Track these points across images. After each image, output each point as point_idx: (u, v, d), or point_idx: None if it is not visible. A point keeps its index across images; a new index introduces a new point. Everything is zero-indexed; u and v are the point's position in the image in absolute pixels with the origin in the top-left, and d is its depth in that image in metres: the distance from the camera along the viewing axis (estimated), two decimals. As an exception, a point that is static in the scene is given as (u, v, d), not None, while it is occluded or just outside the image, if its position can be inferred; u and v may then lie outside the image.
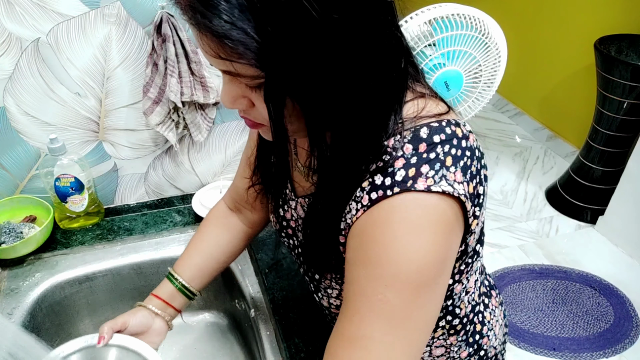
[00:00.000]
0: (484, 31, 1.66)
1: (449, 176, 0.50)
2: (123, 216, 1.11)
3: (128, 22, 0.94)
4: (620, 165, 2.11)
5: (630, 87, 1.93)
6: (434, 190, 0.49)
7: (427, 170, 0.50)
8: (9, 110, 0.96)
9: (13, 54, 0.91)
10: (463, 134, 0.53)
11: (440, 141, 0.51)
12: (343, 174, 0.54)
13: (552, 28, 2.57)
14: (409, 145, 0.51)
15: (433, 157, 0.50)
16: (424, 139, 0.51)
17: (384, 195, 0.50)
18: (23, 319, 0.88)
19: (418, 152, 0.51)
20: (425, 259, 0.49)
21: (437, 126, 0.52)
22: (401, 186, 0.49)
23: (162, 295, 0.79)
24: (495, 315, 0.76)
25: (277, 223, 0.75)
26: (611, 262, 2.04)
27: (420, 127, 0.52)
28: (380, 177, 0.51)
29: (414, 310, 0.50)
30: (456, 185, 0.50)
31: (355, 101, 0.49)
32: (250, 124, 0.56)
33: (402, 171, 0.50)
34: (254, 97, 0.51)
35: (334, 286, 0.64)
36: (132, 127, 1.06)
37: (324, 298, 0.67)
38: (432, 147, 0.51)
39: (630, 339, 1.75)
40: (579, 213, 2.26)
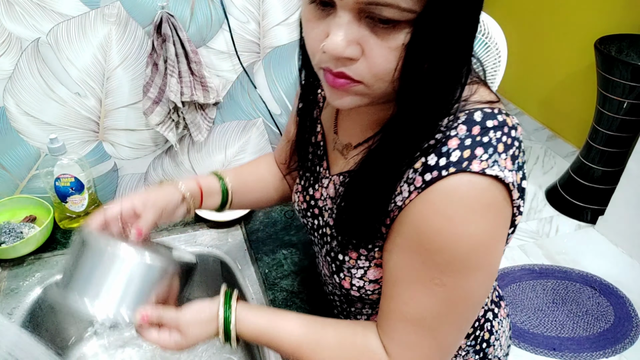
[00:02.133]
0: (484, 31, 1.66)
1: (500, 162, 0.50)
2: (123, 216, 1.11)
3: (128, 22, 0.94)
4: (620, 165, 2.11)
5: (630, 87, 1.93)
6: (487, 174, 0.49)
7: (482, 153, 0.50)
8: (9, 110, 0.96)
9: (13, 54, 0.91)
10: (513, 124, 0.54)
11: (492, 127, 0.52)
12: (398, 148, 0.54)
13: (552, 28, 2.57)
14: (463, 126, 0.52)
15: (486, 141, 0.51)
16: (477, 122, 0.52)
17: (439, 176, 0.50)
18: (23, 319, 0.88)
19: (472, 135, 0.51)
20: (480, 241, 0.50)
21: (490, 112, 0.53)
22: (457, 167, 0.49)
23: (203, 185, 0.75)
24: (502, 325, 0.76)
25: (303, 202, 0.74)
26: (611, 262, 2.04)
27: (474, 110, 0.53)
28: (434, 157, 0.51)
29: (468, 291, 0.53)
30: (506, 172, 0.50)
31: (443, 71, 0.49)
32: (341, 84, 0.51)
33: (457, 152, 0.50)
34: (372, 43, 0.47)
35: (359, 265, 0.63)
36: (132, 127, 1.06)
37: (345, 279, 0.66)
38: (485, 132, 0.51)
39: (630, 339, 1.75)
40: (579, 213, 2.26)
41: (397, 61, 0.48)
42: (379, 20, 0.46)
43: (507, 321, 0.78)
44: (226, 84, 1.08)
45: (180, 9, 0.96)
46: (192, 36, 0.99)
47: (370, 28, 0.47)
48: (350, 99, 0.53)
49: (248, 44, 1.05)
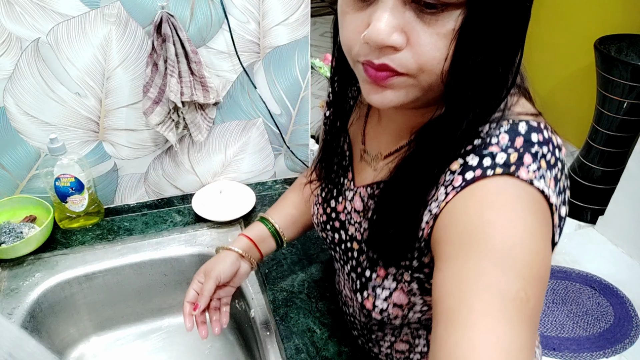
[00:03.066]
0: (484, 31, 1.66)
1: (546, 179, 0.45)
2: (123, 216, 1.11)
3: (128, 22, 0.94)
4: (620, 165, 2.11)
5: (630, 87, 1.93)
6: (535, 185, 0.44)
7: (530, 163, 0.45)
8: (9, 110, 0.96)
9: (13, 54, 0.91)
10: (558, 143, 0.49)
11: (537, 141, 0.47)
12: (437, 153, 0.49)
13: (552, 28, 2.57)
14: (506, 135, 0.47)
15: (534, 152, 0.46)
16: (521, 133, 0.47)
17: (483, 174, 0.45)
18: (23, 319, 0.88)
19: (514, 146, 0.46)
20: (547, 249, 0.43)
21: (536, 126, 0.48)
22: (504, 169, 0.44)
23: (252, 236, 0.79)
24: (536, 356, 0.69)
25: (323, 214, 0.72)
26: (611, 262, 2.04)
27: (520, 121, 0.48)
28: (476, 157, 0.46)
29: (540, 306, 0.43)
30: (549, 191, 0.45)
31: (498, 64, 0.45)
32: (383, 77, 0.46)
33: (502, 154, 0.45)
34: (419, 30, 0.43)
35: (385, 285, 0.58)
36: (132, 127, 1.06)
37: (368, 298, 0.60)
38: (529, 145, 0.46)
39: (630, 339, 1.75)
40: (579, 213, 2.26)
41: (447, 50, 0.43)
42: (425, 5, 0.42)
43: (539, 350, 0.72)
44: (226, 84, 1.08)
45: (180, 9, 0.96)
46: (192, 36, 0.99)
47: (417, 13, 0.43)
48: (393, 94, 0.47)
49: (248, 44, 1.05)
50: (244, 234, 0.80)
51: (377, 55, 0.45)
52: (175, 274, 1.04)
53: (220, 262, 0.76)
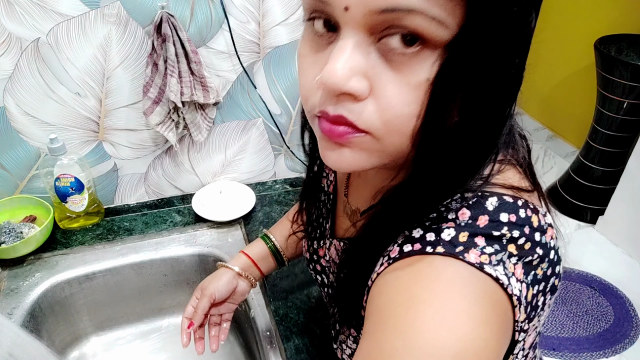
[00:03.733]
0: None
1: (508, 265, 0.37)
2: (123, 216, 1.11)
3: (128, 22, 0.94)
4: (620, 165, 2.11)
5: (630, 87, 1.93)
6: (486, 271, 0.36)
7: (484, 245, 0.37)
8: (9, 110, 0.96)
9: (13, 54, 0.91)
10: (539, 225, 0.41)
11: (507, 222, 0.39)
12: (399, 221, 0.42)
13: (552, 28, 2.57)
14: (467, 211, 0.39)
15: (494, 236, 0.38)
16: (488, 210, 0.39)
17: (421, 250, 0.38)
18: (23, 319, 0.88)
19: (475, 224, 0.38)
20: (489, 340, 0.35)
21: (511, 203, 0.40)
22: (447, 248, 0.37)
23: (252, 254, 0.78)
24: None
25: (307, 252, 0.70)
26: (611, 262, 2.04)
27: (490, 194, 0.40)
28: (420, 231, 0.39)
29: None
30: (512, 280, 0.37)
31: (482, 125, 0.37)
32: (339, 133, 0.38)
33: (451, 231, 0.38)
34: (386, 78, 0.35)
35: (349, 344, 0.56)
36: (132, 127, 1.06)
37: (338, 350, 0.62)
38: (495, 226, 0.38)
39: (630, 339, 1.75)
40: (578, 213, 2.26)
41: (420, 105, 0.35)
42: (399, 42, 0.34)
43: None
44: (226, 84, 1.08)
45: (180, 9, 0.96)
46: (192, 36, 0.99)
47: (385, 56, 0.35)
48: (352, 156, 0.39)
49: (248, 44, 1.05)
50: (243, 252, 0.79)
51: (333, 105, 0.37)
52: (175, 274, 1.04)
53: (215, 280, 0.75)
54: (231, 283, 0.75)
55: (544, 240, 0.41)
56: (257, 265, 0.78)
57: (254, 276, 0.78)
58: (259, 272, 0.79)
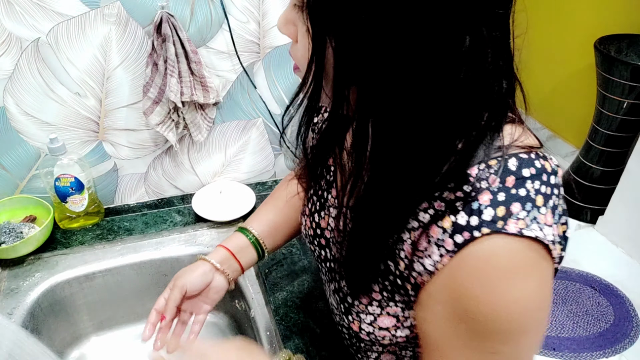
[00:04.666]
0: (484, 31, 1.66)
1: (540, 218, 0.45)
2: (123, 216, 1.11)
3: (128, 22, 0.94)
4: (620, 165, 2.11)
5: (630, 87, 1.93)
6: (525, 235, 0.44)
7: (519, 210, 0.45)
8: (9, 110, 0.96)
9: (13, 54, 0.91)
10: (552, 168, 0.49)
11: (530, 176, 0.46)
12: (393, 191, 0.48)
13: (552, 28, 2.57)
14: (495, 177, 0.46)
15: (524, 195, 0.45)
16: (512, 171, 0.46)
17: (471, 237, 0.45)
18: (23, 319, 0.88)
19: (505, 187, 0.45)
20: (525, 306, 0.46)
21: (527, 158, 0.47)
22: (491, 227, 0.44)
23: (230, 247, 0.75)
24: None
25: (310, 227, 0.69)
26: (611, 262, 2.04)
27: (509, 157, 0.47)
28: (465, 216, 0.45)
29: (521, 354, 0.49)
30: (546, 230, 0.45)
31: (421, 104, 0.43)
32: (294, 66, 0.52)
33: (490, 210, 0.45)
34: (299, 27, 0.48)
35: (369, 311, 0.58)
36: (132, 127, 1.06)
37: (354, 322, 0.61)
38: (521, 182, 0.46)
39: (630, 339, 1.75)
40: (578, 213, 2.25)
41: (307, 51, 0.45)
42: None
43: None
44: (226, 84, 1.08)
45: (180, 9, 0.96)
46: (192, 36, 0.99)
47: (298, 10, 0.47)
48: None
49: (248, 44, 1.05)
50: (222, 245, 0.76)
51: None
52: (175, 274, 1.04)
53: (190, 271, 0.72)
54: (206, 276, 0.72)
55: (557, 181, 0.49)
56: (237, 258, 0.75)
57: (232, 271, 0.75)
58: (238, 265, 0.75)
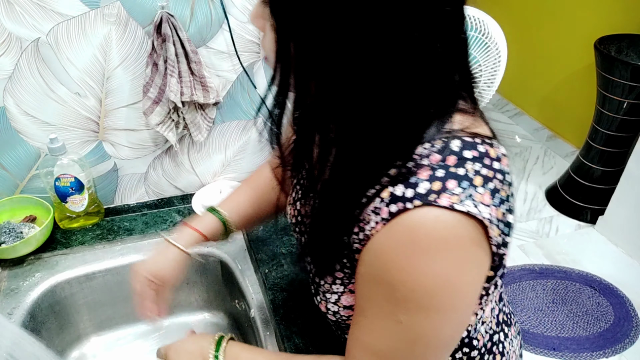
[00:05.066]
0: (484, 31, 1.66)
1: (475, 196, 0.46)
2: (123, 216, 1.11)
3: (128, 22, 0.94)
4: (620, 165, 2.11)
5: (630, 87, 1.93)
6: (457, 209, 0.45)
7: (454, 187, 0.46)
8: (9, 110, 0.96)
9: (13, 54, 0.91)
10: (496, 155, 0.50)
11: (472, 158, 0.48)
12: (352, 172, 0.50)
13: (552, 28, 2.57)
14: (438, 155, 0.48)
15: (462, 174, 0.47)
16: (454, 151, 0.48)
17: (404, 208, 0.47)
18: (23, 319, 0.88)
19: (445, 165, 0.47)
20: (443, 282, 0.47)
21: (470, 141, 0.49)
22: (423, 199, 0.46)
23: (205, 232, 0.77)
24: (513, 345, 0.72)
25: (293, 216, 0.72)
26: (611, 262, 2.04)
27: (453, 138, 0.49)
28: (402, 188, 0.47)
29: (428, 332, 0.50)
30: (481, 207, 0.46)
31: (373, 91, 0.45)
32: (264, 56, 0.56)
33: (426, 184, 0.47)
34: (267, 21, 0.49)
35: (333, 290, 0.62)
36: (132, 127, 1.06)
37: (322, 302, 0.65)
38: (462, 162, 0.48)
39: (630, 339, 1.75)
40: (579, 213, 2.26)
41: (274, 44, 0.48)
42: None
43: (517, 340, 0.75)
44: (226, 84, 1.08)
45: (180, 9, 0.96)
46: (192, 36, 0.99)
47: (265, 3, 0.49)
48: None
49: (248, 44, 1.05)
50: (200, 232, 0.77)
51: None
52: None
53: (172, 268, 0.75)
54: (184, 267, 0.76)
55: (501, 167, 0.50)
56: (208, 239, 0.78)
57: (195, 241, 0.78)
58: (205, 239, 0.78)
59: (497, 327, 0.68)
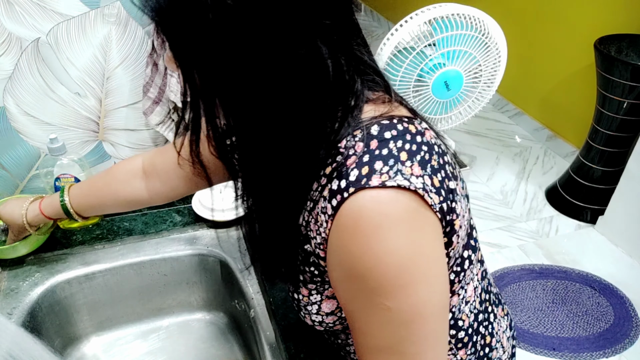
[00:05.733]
0: (484, 31, 1.66)
1: (404, 170, 0.49)
2: (123, 216, 1.11)
3: (128, 22, 0.94)
4: (620, 165, 2.11)
5: (630, 87, 1.93)
6: (389, 185, 0.47)
7: (381, 167, 0.49)
8: (9, 110, 0.96)
9: (13, 54, 0.91)
10: (417, 130, 0.52)
11: (391, 137, 0.51)
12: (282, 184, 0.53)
13: (552, 28, 2.57)
14: (360, 143, 0.51)
15: (386, 153, 0.50)
16: (374, 135, 0.51)
17: (342, 199, 0.49)
18: (23, 319, 0.88)
19: (370, 149, 0.50)
20: (405, 255, 0.48)
21: (388, 123, 0.52)
22: (355, 185, 0.48)
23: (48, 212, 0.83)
24: (501, 325, 0.73)
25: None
26: (611, 262, 2.04)
27: (371, 125, 0.52)
28: (337, 182, 0.50)
29: (418, 305, 0.50)
30: (413, 179, 0.48)
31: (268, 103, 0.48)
32: None
33: (355, 171, 0.49)
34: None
35: (312, 301, 0.62)
36: (132, 127, 1.06)
37: (306, 317, 0.65)
38: (384, 143, 0.50)
39: (630, 339, 1.75)
40: (578, 213, 2.26)
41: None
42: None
43: (506, 320, 0.76)
44: (226, 84, 1.08)
45: (180, 9, 0.96)
46: (192, 36, 0.99)
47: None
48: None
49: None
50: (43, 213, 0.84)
51: None
52: (175, 274, 1.04)
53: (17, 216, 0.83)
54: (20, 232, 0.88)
55: (425, 140, 0.52)
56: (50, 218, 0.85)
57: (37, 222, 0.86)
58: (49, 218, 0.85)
59: (481, 306, 0.68)
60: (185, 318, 1.08)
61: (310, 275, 0.59)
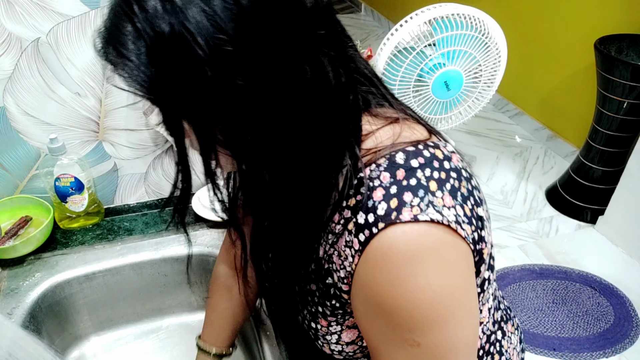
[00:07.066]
0: (484, 31, 1.66)
1: (436, 202, 0.46)
2: (123, 216, 1.11)
3: (128, 22, 0.94)
4: (620, 165, 2.11)
5: (630, 87, 1.93)
6: (420, 220, 0.45)
7: (411, 199, 0.46)
8: (9, 110, 0.96)
9: (13, 54, 0.91)
10: (444, 155, 0.50)
11: (419, 165, 0.48)
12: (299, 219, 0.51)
13: (552, 28, 2.57)
14: (386, 173, 0.48)
15: (414, 184, 0.47)
16: (400, 164, 0.48)
17: (371, 234, 0.47)
18: (23, 319, 0.88)
19: (397, 180, 0.47)
20: (437, 291, 0.46)
21: (414, 150, 0.49)
22: (385, 220, 0.46)
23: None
24: (512, 342, 0.71)
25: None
26: (611, 262, 2.04)
27: (396, 152, 0.49)
28: (363, 215, 0.48)
29: (450, 340, 0.48)
30: (445, 211, 0.46)
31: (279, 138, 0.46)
32: None
33: (383, 204, 0.47)
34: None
35: (332, 331, 0.60)
36: (132, 127, 1.06)
37: (324, 345, 0.63)
38: (412, 173, 0.47)
39: (630, 339, 1.75)
40: (579, 213, 2.26)
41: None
42: None
43: (516, 335, 0.73)
44: (226, 84, 1.08)
45: (180, 9, 0.96)
46: (192, 36, 0.99)
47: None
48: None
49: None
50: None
51: None
52: (175, 274, 1.04)
53: None
54: None
55: (453, 165, 0.50)
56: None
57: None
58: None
59: (494, 327, 0.67)
60: (185, 318, 1.08)
61: (331, 308, 0.58)
